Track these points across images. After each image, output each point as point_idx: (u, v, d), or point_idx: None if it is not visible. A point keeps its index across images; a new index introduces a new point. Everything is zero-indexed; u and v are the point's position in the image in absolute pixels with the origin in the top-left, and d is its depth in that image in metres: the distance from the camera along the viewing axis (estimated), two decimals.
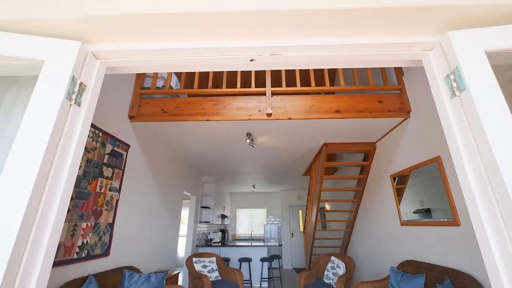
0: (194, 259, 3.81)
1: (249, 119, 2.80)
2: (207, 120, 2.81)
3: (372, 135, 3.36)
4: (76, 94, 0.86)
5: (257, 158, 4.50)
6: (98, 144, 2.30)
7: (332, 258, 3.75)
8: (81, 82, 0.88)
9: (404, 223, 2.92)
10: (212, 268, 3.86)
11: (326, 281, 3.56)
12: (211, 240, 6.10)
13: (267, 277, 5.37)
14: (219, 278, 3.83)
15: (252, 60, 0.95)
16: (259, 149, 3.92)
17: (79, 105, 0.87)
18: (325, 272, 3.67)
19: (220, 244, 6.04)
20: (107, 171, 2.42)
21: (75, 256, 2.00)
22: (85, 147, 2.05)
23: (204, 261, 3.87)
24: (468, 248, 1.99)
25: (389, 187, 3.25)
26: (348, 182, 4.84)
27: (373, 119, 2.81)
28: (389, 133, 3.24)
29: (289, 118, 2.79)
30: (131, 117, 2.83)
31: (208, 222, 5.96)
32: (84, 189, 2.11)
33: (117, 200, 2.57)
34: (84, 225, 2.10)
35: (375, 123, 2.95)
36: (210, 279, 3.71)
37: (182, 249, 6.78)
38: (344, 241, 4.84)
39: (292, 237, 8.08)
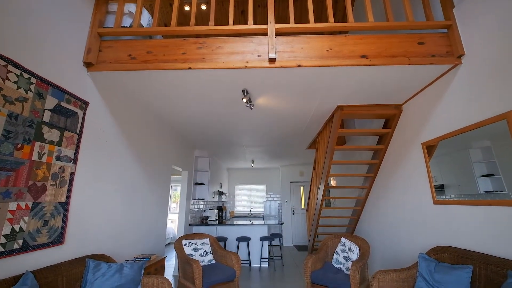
0: (183, 242, 3.32)
1: (246, 67, 2.09)
2: (189, 68, 2.10)
3: (400, 93, 2.67)
4: None
5: (256, 126, 3.83)
6: (30, 94, 1.62)
7: (343, 239, 3.26)
8: None
9: (439, 202, 2.35)
10: (205, 251, 3.38)
11: (336, 265, 3.09)
12: (207, 218, 5.65)
13: (267, 257, 4.99)
14: (213, 261, 3.37)
15: None
16: (258, 113, 3.24)
17: None
18: (335, 255, 3.19)
19: (217, 222, 5.60)
20: (51, 134, 1.76)
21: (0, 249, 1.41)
22: (3, 95, 1.38)
23: (195, 243, 3.38)
24: None
25: (418, 159, 2.64)
26: (360, 154, 4.24)
27: (411, 66, 2.10)
28: (424, 91, 2.55)
29: (299, 66, 2.08)
30: (88, 65, 2.12)
31: (203, 199, 5.46)
32: (9, 156, 1.48)
33: (72, 173, 1.96)
34: (13, 206, 1.50)
35: (410, 74, 2.25)
36: (203, 263, 3.25)
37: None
38: (353, 220, 4.36)
39: (293, 214, 7.70)
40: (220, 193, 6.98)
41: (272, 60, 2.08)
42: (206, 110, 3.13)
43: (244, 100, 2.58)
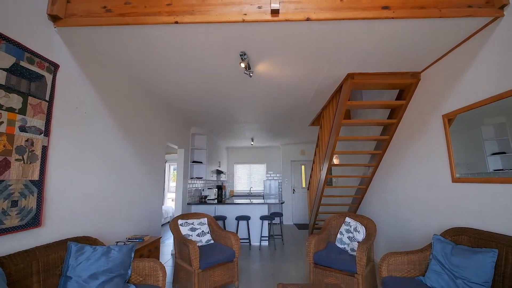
0: (179, 221, 3.15)
1: (243, 21, 1.75)
2: (176, 22, 1.75)
3: (420, 58, 2.33)
4: None
5: (256, 99, 3.51)
6: None
7: (347, 219, 3.08)
8: None
9: (458, 180, 2.11)
10: (203, 231, 3.23)
11: (340, 245, 2.94)
12: (206, 197, 5.52)
13: (267, 235, 4.91)
14: (212, 242, 3.23)
15: None
16: (258, 83, 2.91)
17: None
18: (338, 235, 3.04)
19: (216, 201, 5.47)
20: (9, 99, 1.47)
21: None
22: None
23: (192, 223, 3.22)
24: None
25: (436, 133, 2.38)
26: (367, 130, 3.97)
27: (441, 20, 1.76)
28: (449, 54, 2.22)
29: (307, 19, 1.73)
30: (54, 18, 1.77)
31: (201, 178, 5.28)
32: None
33: (45, 147, 1.69)
34: None
35: (439, 30, 1.90)
36: (201, 244, 3.11)
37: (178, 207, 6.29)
38: (356, 199, 4.20)
39: (294, 193, 7.61)
40: (219, 172, 6.81)
41: (275, 12, 1.73)
42: (198, 77, 2.79)
43: (242, 65, 2.25)
